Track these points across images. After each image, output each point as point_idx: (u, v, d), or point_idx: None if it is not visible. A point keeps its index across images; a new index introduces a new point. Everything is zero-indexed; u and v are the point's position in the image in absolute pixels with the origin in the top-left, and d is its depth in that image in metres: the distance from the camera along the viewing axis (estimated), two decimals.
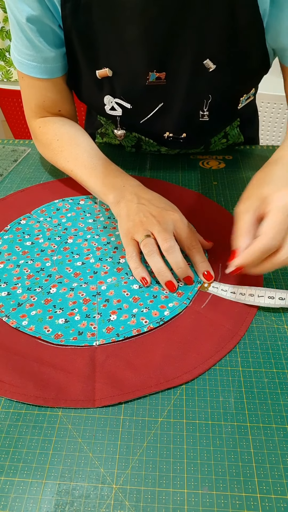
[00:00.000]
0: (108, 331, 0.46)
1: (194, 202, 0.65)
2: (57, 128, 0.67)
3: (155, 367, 0.42)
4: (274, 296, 0.47)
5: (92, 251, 0.57)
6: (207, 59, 0.57)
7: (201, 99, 0.62)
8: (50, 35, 0.59)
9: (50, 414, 0.39)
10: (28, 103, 0.68)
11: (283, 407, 0.39)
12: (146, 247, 0.50)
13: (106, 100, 0.64)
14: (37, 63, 0.61)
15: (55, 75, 0.63)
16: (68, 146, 0.65)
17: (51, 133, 0.67)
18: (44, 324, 0.47)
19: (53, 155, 0.67)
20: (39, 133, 0.69)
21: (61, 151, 0.65)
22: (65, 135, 0.66)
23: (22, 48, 0.60)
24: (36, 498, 0.34)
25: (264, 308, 0.48)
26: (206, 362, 0.42)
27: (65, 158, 0.64)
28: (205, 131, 0.69)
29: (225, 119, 0.72)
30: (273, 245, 0.42)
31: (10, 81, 1.66)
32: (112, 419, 0.39)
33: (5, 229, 0.61)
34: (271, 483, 0.34)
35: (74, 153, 0.64)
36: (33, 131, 0.71)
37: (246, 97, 0.66)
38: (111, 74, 0.61)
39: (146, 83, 0.60)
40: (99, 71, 0.61)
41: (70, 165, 0.64)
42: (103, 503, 0.34)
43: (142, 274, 0.51)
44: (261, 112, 1.54)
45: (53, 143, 0.66)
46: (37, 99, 0.66)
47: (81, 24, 0.57)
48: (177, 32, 0.55)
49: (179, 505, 0.33)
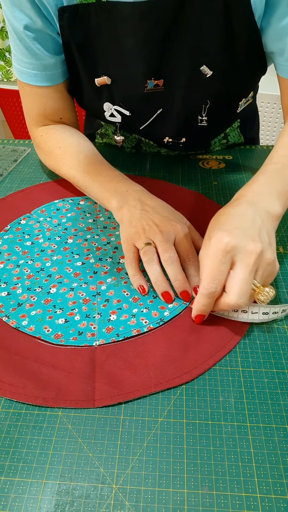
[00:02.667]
0: (108, 331, 0.46)
1: (194, 202, 0.65)
2: (59, 136, 0.67)
3: (155, 367, 0.42)
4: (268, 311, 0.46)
5: (92, 251, 0.57)
6: (204, 65, 0.57)
7: (199, 104, 0.62)
8: (49, 42, 0.59)
9: (50, 414, 0.39)
10: (29, 112, 0.67)
11: (283, 407, 0.39)
12: (145, 254, 0.50)
13: (106, 107, 0.64)
14: (37, 71, 0.61)
15: (55, 81, 0.63)
16: (70, 153, 0.64)
17: (53, 141, 0.66)
18: (44, 324, 0.47)
19: (56, 162, 0.66)
20: (41, 141, 0.68)
21: (63, 158, 0.64)
22: (67, 142, 0.66)
23: (22, 57, 0.60)
24: (36, 498, 0.34)
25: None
26: (206, 362, 0.42)
27: (68, 165, 0.64)
28: (205, 135, 0.69)
29: (225, 122, 0.72)
30: (213, 288, 0.43)
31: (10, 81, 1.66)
32: (112, 419, 0.39)
33: (5, 229, 0.61)
34: (271, 483, 0.34)
35: (76, 159, 0.63)
36: (35, 139, 0.70)
37: (245, 100, 0.66)
38: (110, 82, 0.61)
39: (145, 91, 0.60)
40: (98, 79, 0.61)
41: (72, 171, 0.63)
42: (103, 503, 0.34)
43: (140, 282, 0.50)
44: (261, 112, 1.54)
45: (55, 151, 0.66)
46: (38, 107, 0.66)
47: (79, 34, 0.57)
48: (174, 40, 0.55)
49: (179, 505, 0.33)
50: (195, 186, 0.69)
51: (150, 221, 0.52)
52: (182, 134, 0.68)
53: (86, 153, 0.64)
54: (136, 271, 0.51)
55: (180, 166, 0.74)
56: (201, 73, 0.58)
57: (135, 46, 0.56)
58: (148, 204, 0.55)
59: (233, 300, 0.42)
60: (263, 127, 1.60)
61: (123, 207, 0.55)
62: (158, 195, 0.58)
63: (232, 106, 0.65)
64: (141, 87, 0.60)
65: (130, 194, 0.56)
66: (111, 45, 0.57)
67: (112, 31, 0.55)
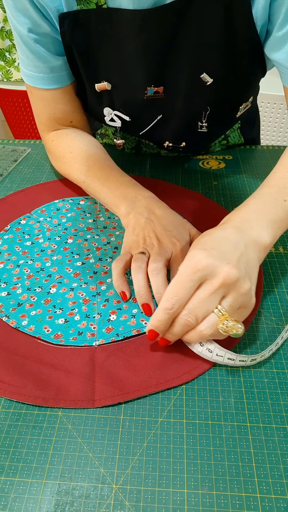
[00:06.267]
0: (108, 331, 0.46)
1: (194, 202, 0.65)
2: (70, 140, 0.67)
3: (155, 367, 0.42)
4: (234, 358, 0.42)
5: (92, 251, 0.57)
6: (204, 73, 0.57)
7: (199, 111, 0.62)
8: (54, 44, 0.59)
9: (50, 414, 0.39)
10: (40, 117, 0.67)
11: (283, 407, 0.39)
12: (135, 262, 0.48)
13: (106, 112, 0.65)
14: (44, 74, 0.61)
15: (63, 83, 0.63)
16: (81, 158, 0.64)
17: (64, 146, 0.66)
18: (44, 324, 0.47)
19: (66, 167, 0.66)
20: (52, 146, 0.68)
21: (74, 163, 0.64)
22: (78, 147, 0.65)
23: (28, 61, 0.60)
24: (36, 498, 0.34)
25: (264, 308, 0.48)
26: (206, 362, 0.42)
27: (78, 169, 0.64)
28: (205, 139, 0.70)
29: (224, 127, 0.72)
30: (170, 304, 0.39)
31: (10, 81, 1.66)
32: (112, 419, 0.39)
33: (5, 229, 0.61)
34: (271, 483, 0.34)
35: (87, 164, 0.63)
36: (46, 145, 0.70)
37: (245, 105, 0.66)
38: (110, 88, 0.61)
39: (144, 97, 0.60)
40: (98, 84, 0.61)
41: (82, 176, 0.63)
42: (103, 503, 0.34)
43: (122, 288, 0.49)
44: (261, 112, 1.54)
45: (66, 156, 0.66)
46: (48, 112, 0.66)
47: (79, 40, 0.57)
48: (174, 47, 0.55)
49: (179, 505, 0.33)
50: (195, 186, 0.69)
51: (152, 232, 0.51)
52: (182, 139, 0.68)
53: (97, 158, 0.64)
54: (120, 276, 0.49)
55: (180, 166, 0.74)
56: (201, 81, 0.58)
57: (135, 53, 0.56)
58: (155, 214, 0.54)
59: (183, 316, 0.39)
60: (264, 127, 1.60)
61: (130, 213, 0.55)
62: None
63: (232, 112, 0.65)
64: (141, 94, 0.60)
65: (139, 200, 0.56)
66: (111, 51, 0.57)
67: (112, 37, 0.55)
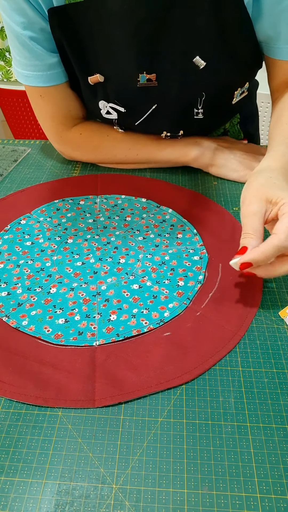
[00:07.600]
0: (108, 331, 0.46)
1: (194, 202, 0.65)
2: (101, 127, 0.68)
3: (155, 367, 0.42)
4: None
5: (92, 251, 0.57)
6: (197, 56, 0.57)
7: (194, 97, 0.62)
8: (49, 41, 0.59)
9: (50, 414, 0.39)
10: (56, 117, 0.68)
11: (283, 407, 0.39)
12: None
13: (101, 105, 0.65)
14: (43, 71, 0.61)
15: (64, 79, 0.64)
16: (122, 137, 0.67)
17: (97, 134, 0.67)
18: (44, 324, 0.47)
19: (107, 152, 0.68)
20: (82, 139, 0.68)
21: (117, 143, 0.66)
22: (112, 130, 0.67)
23: (25, 60, 0.60)
24: (36, 498, 0.34)
25: (264, 308, 0.48)
26: (206, 362, 0.42)
27: (125, 147, 0.66)
28: (202, 127, 0.69)
29: (221, 114, 0.72)
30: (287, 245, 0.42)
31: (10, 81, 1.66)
32: (112, 419, 0.39)
33: (5, 229, 0.61)
34: (271, 483, 0.34)
35: (132, 139, 0.66)
36: (73, 141, 0.70)
37: (240, 91, 0.65)
38: (103, 80, 0.61)
39: (137, 85, 0.60)
40: (91, 77, 0.61)
41: (133, 151, 0.67)
42: (103, 503, 0.34)
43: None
44: (261, 112, 1.54)
45: (104, 141, 0.67)
46: (63, 109, 0.67)
47: (69, 34, 0.57)
48: (164, 32, 0.55)
49: (179, 505, 0.33)
50: (195, 186, 0.69)
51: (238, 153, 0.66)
52: (179, 127, 0.68)
53: (132, 133, 0.67)
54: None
55: (180, 166, 0.74)
56: (194, 65, 0.57)
57: (125, 40, 0.56)
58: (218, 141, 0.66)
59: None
60: (263, 127, 1.60)
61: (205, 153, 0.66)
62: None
63: (228, 97, 0.65)
64: (133, 82, 0.60)
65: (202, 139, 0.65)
66: (101, 42, 0.57)
67: (101, 28, 0.55)
